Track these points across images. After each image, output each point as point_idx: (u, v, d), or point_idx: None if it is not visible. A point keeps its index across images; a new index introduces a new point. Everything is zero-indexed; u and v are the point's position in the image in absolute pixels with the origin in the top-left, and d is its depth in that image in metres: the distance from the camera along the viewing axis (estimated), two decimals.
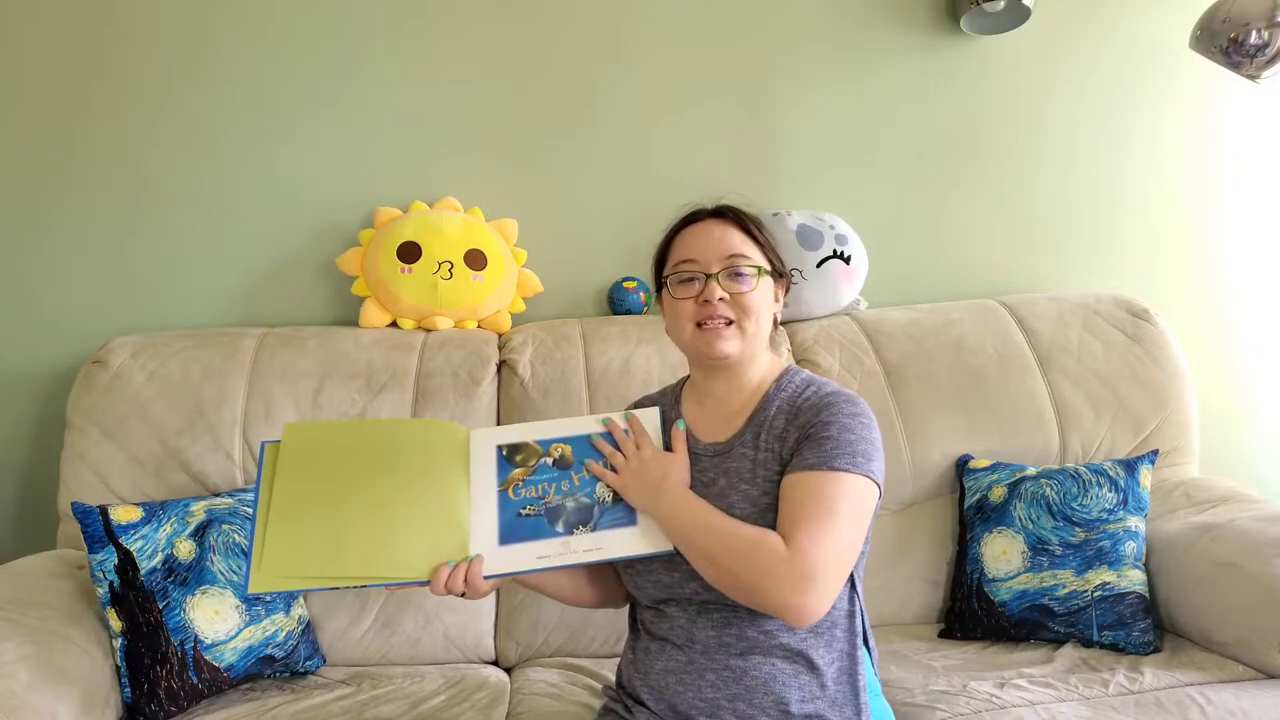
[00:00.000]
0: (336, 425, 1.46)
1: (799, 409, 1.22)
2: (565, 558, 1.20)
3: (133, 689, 1.50)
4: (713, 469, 1.24)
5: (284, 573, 1.15)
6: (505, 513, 1.23)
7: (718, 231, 1.27)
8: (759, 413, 1.25)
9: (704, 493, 1.22)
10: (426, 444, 1.27)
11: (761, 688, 1.16)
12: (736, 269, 1.24)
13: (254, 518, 1.19)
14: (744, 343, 1.25)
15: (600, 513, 1.22)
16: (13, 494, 2.11)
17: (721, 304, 1.24)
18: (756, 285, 1.25)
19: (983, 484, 1.83)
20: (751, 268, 1.25)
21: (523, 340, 1.99)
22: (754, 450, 1.23)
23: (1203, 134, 2.32)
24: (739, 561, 1.11)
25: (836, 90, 2.24)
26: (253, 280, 2.14)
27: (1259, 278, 2.35)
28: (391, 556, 1.17)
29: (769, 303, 1.28)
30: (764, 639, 1.18)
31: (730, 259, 1.25)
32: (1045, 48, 2.26)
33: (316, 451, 1.23)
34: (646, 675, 1.24)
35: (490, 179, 2.17)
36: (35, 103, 2.07)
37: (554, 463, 1.26)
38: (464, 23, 2.15)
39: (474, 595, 1.17)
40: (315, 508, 1.19)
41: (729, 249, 1.25)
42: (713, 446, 1.26)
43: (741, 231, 1.27)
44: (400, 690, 1.61)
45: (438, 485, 1.23)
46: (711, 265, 1.25)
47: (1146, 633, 1.63)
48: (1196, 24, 1.93)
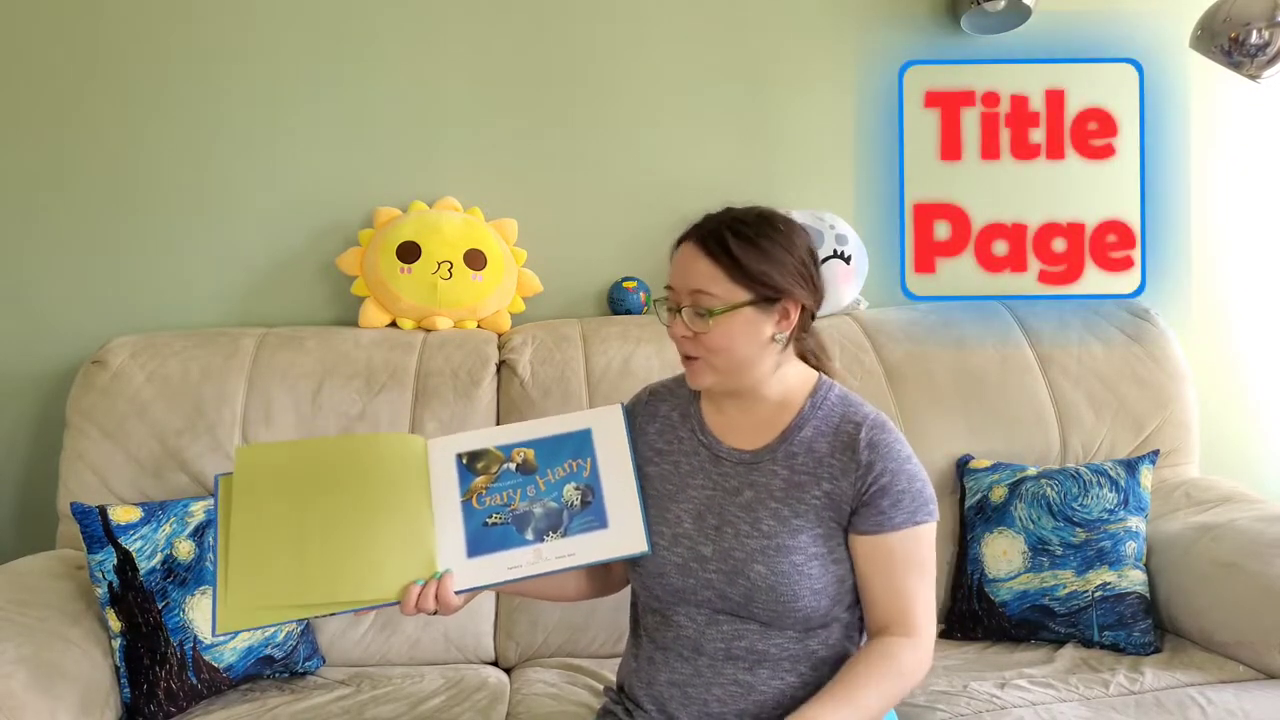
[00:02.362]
0: (289, 446, 1.41)
1: (846, 443, 1.17)
2: (538, 566, 1.15)
3: (132, 689, 1.50)
4: (737, 477, 1.20)
5: (250, 605, 1.11)
6: (471, 523, 1.17)
7: (689, 259, 1.17)
8: (792, 431, 1.20)
9: (728, 500, 1.19)
10: (383, 458, 1.21)
11: (770, 703, 1.15)
12: (695, 308, 1.15)
13: (214, 555, 1.15)
14: (719, 376, 1.18)
15: (570, 517, 1.18)
16: (12, 494, 2.11)
17: (685, 341, 1.17)
18: (713, 326, 1.14)
19: (983, 484, 1.83)
20: (706, 310, 1.14)
21: (522, 340, 1.99)
22: (789, 470, 1.18)
23: (1203, 134, 2.32)
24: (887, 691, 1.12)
25: (836, 90, 2.24)
26: (253, 280, 2.14)
27: (1259, 278, 2.35)
28: (358, 580, 1.12)
29: (747, 335, 1.16)
30: (775, 652, 1.16)
31: (692, 295, 1.15)
32: (1045, 48, 2.26)
33: (271, 477, 1.17)
34: (650, 685, 1.21)
35: (490, 179, 2.17)
36: (35, 102, 2.07)
37: (517, 468, 1.21)
38: (464, 23, 2.15)
39: (446, 612, 1.13)
40: (275, 537, 1.14)
41: (691, 283, 1.15)
42: (738, 454, 1.21)
43: (712, 261, 1.15)
44: (400, 690, 1.61)
45: (399, 500, 1.18)
46: (681, 298, 1.17)
47: (1147, 633, 1.63)
48: (1197, 24, 1.93)
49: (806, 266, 1.20)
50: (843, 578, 1.16)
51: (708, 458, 1.23)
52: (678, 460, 1.25)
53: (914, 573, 1.15)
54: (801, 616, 1.14)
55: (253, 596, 1.11)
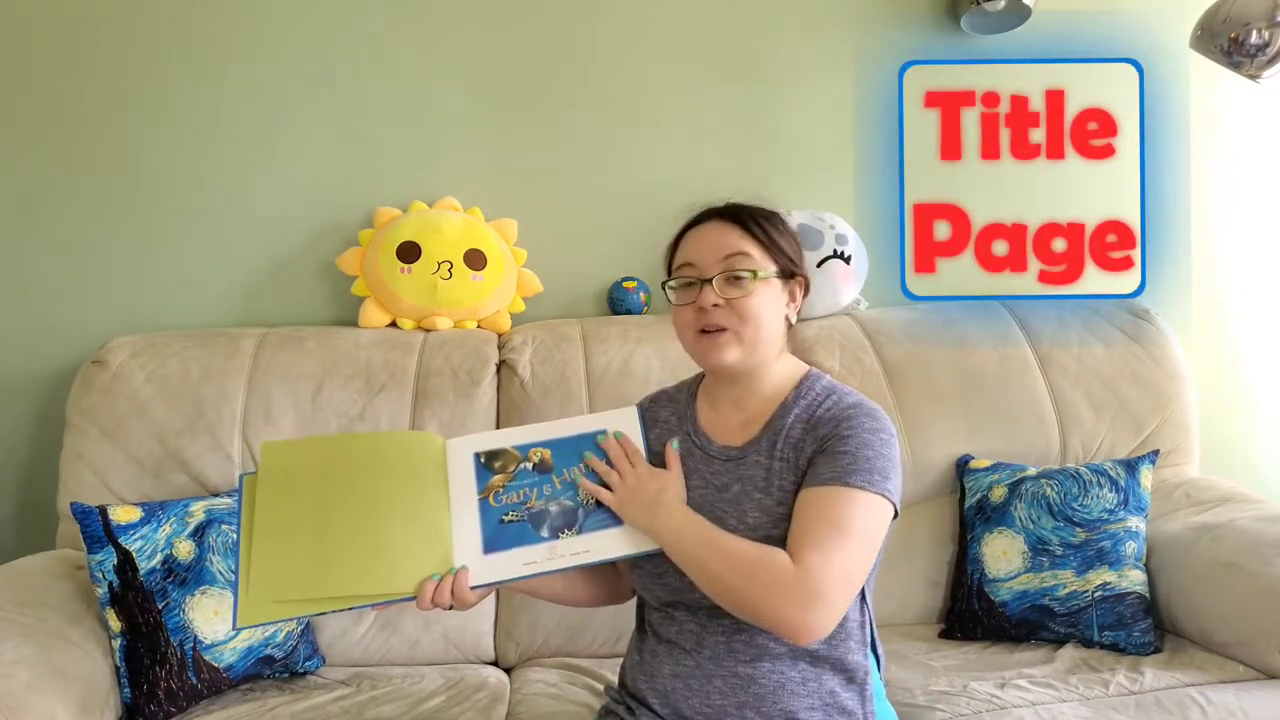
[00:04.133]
0: (313, 442, 1.44)
1: (818, 419, 1.19)
2: (553, 562, 1.18)
3: (132, 689, 1.50)
4: (726, 473, 1.22)
5: (271, 598, 1.12)
6: (488, 521, 1.19)
7: (717, 232, 1.22)
8: (776, 420, 1.21)
9: (717, 497, 1.20)
10: (403, 456, 1.24)
11: (770, 696, 1.15)
12: (734, 272, 1.19)
13: (236, 550, 1.16)
14: (744, 350, 1.19)
15: (585, 515, 1.19)
16: (12, 494, 2.11)
17: (717, 311, 1.18)
18: (753, 290, 1.18)
19: (983, 484, 1.83)
20: (749, 271, 1.19)
21: (522, 340, 1.99)
22: (769, 459, 1.19)
23: (1203, 134, 2.32)
24: (744, 578, 1.08)
25: (836, 90, 2.24)
26: (253, 280, 2.14)
27: (1259, 278, 2.35)
28: (375, 573, 1.14)
29: (774, 307, 1.21)
30: (774, 645, 1.16)
31: (727, 260, 1.19)
32: (1045, 47, 2.26)
33: (294, 472, 1.20)
34: (653, 679, 1.22)
35: (490, 179, 2.17)
36: (34, 102, 2.07)
37: (534, 467, 1.23)
38: (464, 23, 2.15)
39: (461, 607, 1.15)
40: (297, 530, 1.16)
41: (727, 249, 1.20)
42: (727, 450, 1.23)
43: (743, 230, 1.21)
44: (400, 690, 1.61)
45: (418, 497, 1.20)
46: (709, 269, 1.20)
47: (1147, 633, 1.63)
48: (1197, 24, 1.93)
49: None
50: None
51: (701, 458, 1.25)
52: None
53: (828, 526, 1.09)
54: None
55: (275, 588, 1.13)
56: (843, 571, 1.08)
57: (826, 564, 1.06)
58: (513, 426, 1.57)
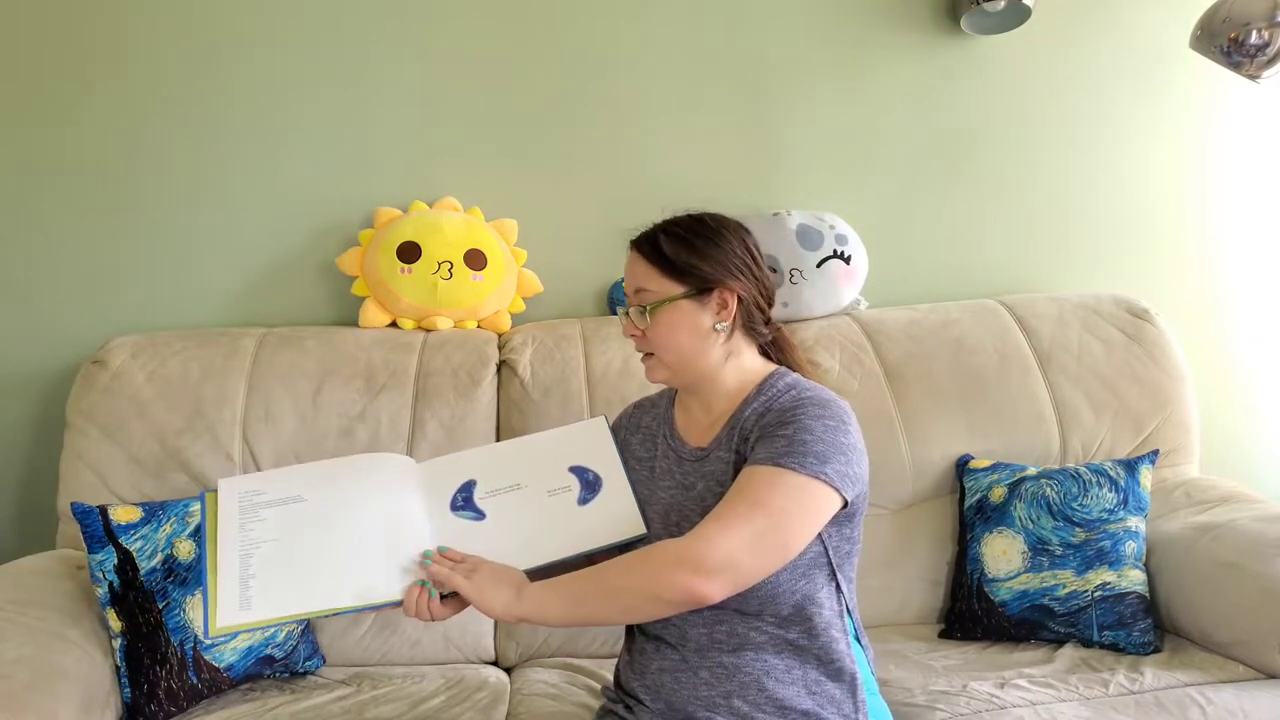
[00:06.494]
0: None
1: (769, 411, 1.20)
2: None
3: (132, 689, 1.50)
4: (694, 474, 1.25)
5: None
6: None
7: (630, 264, 1.28)
8: (734, 417, 1.23)
9: (685, 497, 1.24)
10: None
11: (754, 684, 1.17)
12: (638, 306, 1.25)
13: (203, 565, 1.15)
14: (670, 371, 1.26)
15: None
16: (13, 494, 2.11)
17: (637, 339, 1.27)
18: (656, 319, 1.23)
19: (983, 484, 1.83)
20: (648, 305, 1.23)
21: (522, 340, 1.99)
22: (729, 453, 1.22)
23: (1203, 134, 2.32)
24: (629, 572, 1.11)
25: (836, 90, 2.24)
26: (253, 280, 2.14)
27: (1259, 278, 2.35)
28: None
29: (688, 327, 1.23)
30: (755, 635, 1.18)
31: (635, 294, 1.26)
32: (1045, 48, 2.26)
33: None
34: (643, 675, 1.24)
35: (490, 179, 2.17)
36: (34, 102, 2.07)
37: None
38: (465, 23, 2.15)
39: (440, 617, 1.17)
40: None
41: (633, 282, 1.26)
42: (696, 451, 1.27)
43: (647, 261, 1.25)
44: (400, 690, 1.61)
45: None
46: (629, 299, 1.28)
47: (1147, 633, 1.63)
48: (1196, 24, 1.93)
49: (740, 258, 1.25)
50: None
51: (675, 460, 1.28)
52: (653, 466, 1.31)
53: (741, 502, 1.10)
54: (767, 596, 1.15)
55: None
56: (747, 540, 1.08)
57: (725, 530, 1.08)
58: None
